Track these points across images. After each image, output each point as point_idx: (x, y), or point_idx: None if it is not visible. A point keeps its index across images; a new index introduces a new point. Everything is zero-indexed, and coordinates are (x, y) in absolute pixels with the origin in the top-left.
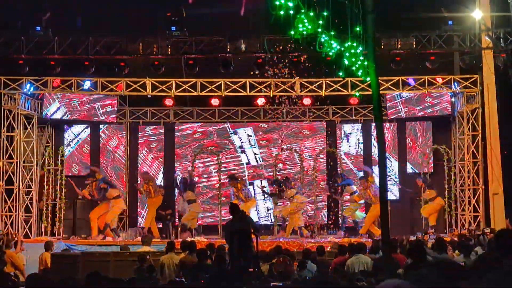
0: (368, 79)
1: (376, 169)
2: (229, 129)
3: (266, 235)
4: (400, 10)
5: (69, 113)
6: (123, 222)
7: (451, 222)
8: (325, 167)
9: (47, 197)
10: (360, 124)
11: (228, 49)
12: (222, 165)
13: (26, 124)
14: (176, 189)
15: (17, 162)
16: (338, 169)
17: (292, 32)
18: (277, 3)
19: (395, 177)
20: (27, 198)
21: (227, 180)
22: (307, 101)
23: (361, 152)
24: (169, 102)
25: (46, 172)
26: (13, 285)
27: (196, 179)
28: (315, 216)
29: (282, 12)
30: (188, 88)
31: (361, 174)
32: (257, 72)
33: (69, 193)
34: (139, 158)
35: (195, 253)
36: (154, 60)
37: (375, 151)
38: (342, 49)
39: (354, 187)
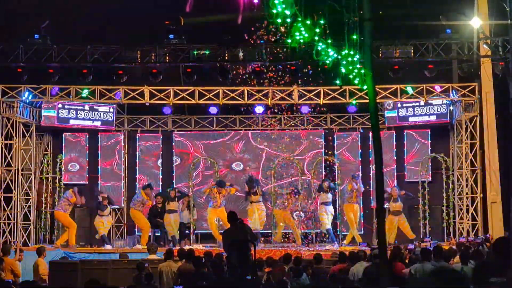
0: (365, 87)
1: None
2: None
3: (265, 243)
4: (398, 19)
5: (68, 121)
6: (121, 230)
7: (449, 230)
8: (323, 175)
9: (46, 204)
10: (358, 133)
11: (226, 57)
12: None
13: (25, 132)
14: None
15: (15, 170)
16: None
17: (289, 40)
18: (274, 11)
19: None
20: (26, 206)
21: (215, 184)
22: (305, 109)
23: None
24: (167, 110)
25: (44, 180)
26: None
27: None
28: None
29: (279, 20)
30: (186, 96)
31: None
32: (255, 80)
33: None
34: (137, 166)
35: (192, 261)
36: (152, 68)
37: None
38: (339, 57)
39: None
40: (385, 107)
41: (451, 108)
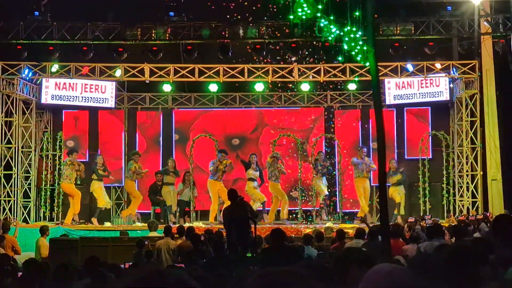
0: (367, 64)
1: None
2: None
3: (265, 221)
4: None
5: (68, 98)
6: (121, 207)
7: (449, 208)
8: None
9: (46, 182)
10: (359, 110)
11: (227, 35)
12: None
13: (25, 109)
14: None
15: (15, 147)
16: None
17: (291, 17)
18: None
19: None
20: (26, 183)
21: (218, 152)
22: (305, 87)
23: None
24: (167, 87)
25: (44, 157)
26: (12, 269)
27: None
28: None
29: None
30: (186, 74)
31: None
32: (255, 57)
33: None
34: (137, 143)
35: (191, 238)
36: (153, 46)
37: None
38: (342, 33)
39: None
40: (385, 85)
41: (452, 85)
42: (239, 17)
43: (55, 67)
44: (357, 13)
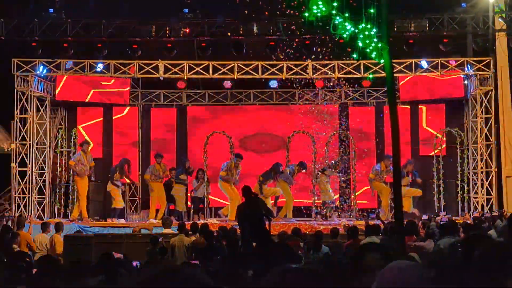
0: (381, 61)
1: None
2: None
3: (278, 218)
4: None
5: (82, 95)
6: (135, 204)
7: (463, 205)
8: (338, 149)
9: (60, 179)
10: (373, 107)
11: (241, 32)
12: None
13: (39, 106)
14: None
15: (30, 144)
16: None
17: (306, 14)
18: None
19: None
20: (40, 180)
21: (234, 156)
22: (319, 84)
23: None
24: (181, 84)
25: (59, 154)
26: (27, 265)
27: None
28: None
29: None
30: (201, 71)
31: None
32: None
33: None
34: (151, 141)
35: (204, 235)
36: (167, 43)
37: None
38: (356, 31)
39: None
40: (399, 82)
41: (466, 82)
42: (253, 14)
43: (69, 64)
44: (371, 10)
